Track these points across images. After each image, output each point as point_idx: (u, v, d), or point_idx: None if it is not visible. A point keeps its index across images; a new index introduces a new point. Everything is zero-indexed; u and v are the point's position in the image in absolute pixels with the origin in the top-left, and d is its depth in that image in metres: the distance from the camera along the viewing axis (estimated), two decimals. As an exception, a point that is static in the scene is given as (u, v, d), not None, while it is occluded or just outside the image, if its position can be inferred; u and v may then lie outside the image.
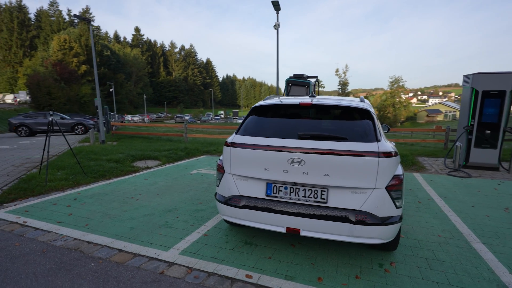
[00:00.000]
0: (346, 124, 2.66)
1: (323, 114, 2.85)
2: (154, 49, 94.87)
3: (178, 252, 2.86)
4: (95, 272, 2.49)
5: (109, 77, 57.50)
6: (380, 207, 2.41)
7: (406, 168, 7.15)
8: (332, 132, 2.56)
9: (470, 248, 3.08)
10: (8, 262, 2.59)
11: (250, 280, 2.43)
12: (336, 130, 2.59)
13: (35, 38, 67.86)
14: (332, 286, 2.38)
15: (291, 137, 2.57)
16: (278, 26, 9.68)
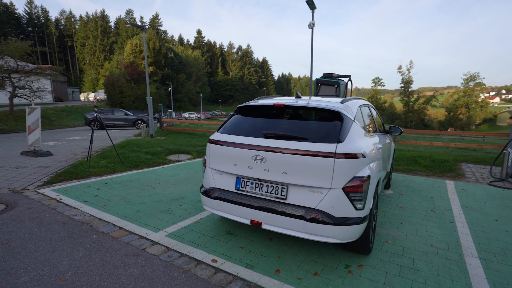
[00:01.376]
0: (312, 125, 2.73)
1: (296, 115, 2.93)
2: (213, 50, 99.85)
3: (165, 234, 3.26)
4: (93, 243, 3.01)
5: (172, 77, 62.49)
6: (336, 207, 2.44)
7: (440, 174, 6.57)
8: (295, 132, 2.66)
9: (459, 261, 2.86)
10: (36, 228, 3.28)
11: (214, 264, 2.69)
12: (299, 130, 2.68)
13: (114, 44, 77.06)
14: (286, 279, 2.50)
15: (258, 136, 2.75)
16: (312, 25, 9.58)
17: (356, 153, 2.50)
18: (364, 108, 3.56)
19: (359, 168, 2.52)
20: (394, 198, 4.80)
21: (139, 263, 2.67)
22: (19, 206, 3.91)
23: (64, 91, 50.45)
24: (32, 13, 75.81)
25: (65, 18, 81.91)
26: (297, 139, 2.58)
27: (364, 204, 2.52)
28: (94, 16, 78.63)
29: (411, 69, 64.02)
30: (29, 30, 74.97)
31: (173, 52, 67.57)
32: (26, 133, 7.49)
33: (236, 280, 2.46)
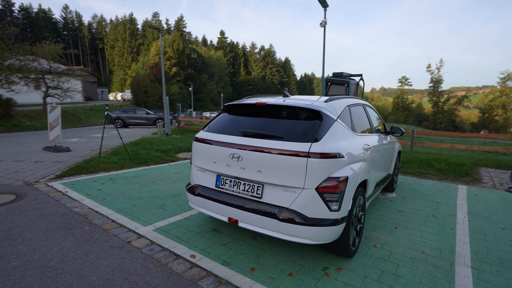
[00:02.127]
0: (291, 124, 2.70)
1: (277, 113, 2.90)
2: (236, 51, 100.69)
3: (153, 228, 3.36)
4: (84, 234, 3.17)
5: (194, 77, 63.81)
6: (309, 208, 2.41)
7: (454, 178, 6.22)
8: (272, 130, 2.65)
9: (448, 270, 2.71)
10: (36, 218, 3.51)
11: (191, 259, 2.74)
12: (277, 129, 2.66)
13: (141, 45, 79.92)
14: (258, 278, 2.50)
15: (237, 134, 2.76)
16: (325, 24, 9.39)
17: (333, 153, 2.44)
18: (356, 108, 3.46)
19: (335, 169, 2.46)
20: (396, 202, 4.62)
21: (121, 254, 2.78)
22: (27, 197, 4.19)
23: (94, 91, 53.13)
24: (67, 17, 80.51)
25: (96, 22, 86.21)
26: (273, 138, 2.56)
27: (340, 206, 2.46)
28: (123, 19, 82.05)
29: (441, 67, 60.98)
30: (64, 34, 79.64)
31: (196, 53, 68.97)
32: (48, 130, 7.98)
33: (209, 276, 2.49)
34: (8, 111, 18.56)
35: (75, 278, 2.38)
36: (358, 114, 3.50)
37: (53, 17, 78.00)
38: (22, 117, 19.16)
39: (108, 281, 2.37)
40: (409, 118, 65.62)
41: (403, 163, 7.30)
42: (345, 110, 3.06)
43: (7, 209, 3.74)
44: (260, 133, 2.65)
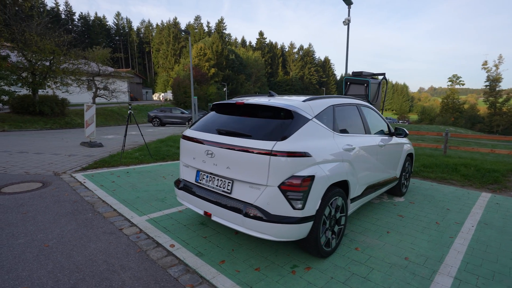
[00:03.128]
0: (263, 123, 2.75)
1: (254, 112, 2.95)
2: (274, 51, 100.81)
3: (146, 219, 3.63)
4: (86, 220, 3.54)
5: (232, 78, 65.25)
6: (272, 205, 2.46)
7: (479, 185, 5.70)
8: (244, 129, 2.73)
9: (426, 278, 2.58)
10: (52, 203, 3.98)
11: (170, 249, 2.94)
12: (249, 127, 2.74)
13: (183, 48, 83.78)
14: (225, 270, 2.61)
15: (213, 132, 2.89)
16: (348, 22, 9.07)
17: (298, 151, 2.47)
18: (344, 108, 3.39)
19: (300, 167, 2.48)
20: (400, 207, 4.40)
21: (109, 240, 3.07)
22: (51, 186, 4.75)
23: (139, 91, 56.95)
24: (119, 24, 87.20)
25: (144, 27, 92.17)
26: (242, 136, 2.65)
27: (304, 204, 2.47)
28: (168, 23, 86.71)
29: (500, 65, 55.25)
30: (116, 39, 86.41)
31: (235, 54, 70.45)
32: (84, 127, 8.84)
33: (179, 265, 2.66)
34: (62, 110, 20.69)
35: (64, 257, 2.71)
36: (346, 114, 3.43)
37: (107, 23, 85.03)
38: (74, 116, 21.23)
39: (89, 261, 2.65)
40: (460, 120, 60.16)
41: (425, 167, 6.85)
42: (326, 110, 3.04)
43: (31, 195, 4.29)
44: (231, 131, 2.75)
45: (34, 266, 2.54)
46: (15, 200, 4.06)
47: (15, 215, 3.56)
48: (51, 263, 2.60)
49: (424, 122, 67.00)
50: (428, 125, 47.12)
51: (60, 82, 20.46)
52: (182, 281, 2.43)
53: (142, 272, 2.53)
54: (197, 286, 2.37)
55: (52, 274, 2.44)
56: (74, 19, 78.40)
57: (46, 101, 19.19)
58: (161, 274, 2.50)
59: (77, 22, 79.31)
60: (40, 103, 18.81)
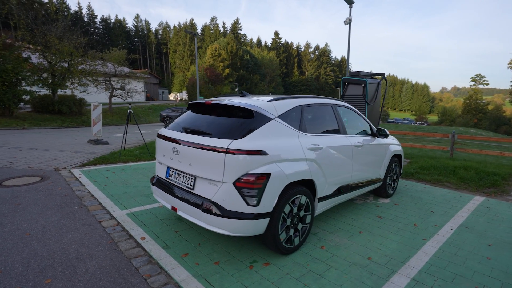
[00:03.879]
0: (226, 121, 2.84)
1: (220, 111, 3.04)
2: (290, 51, 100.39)
3: (127, 212, 3.81)
4: (70, 212, 3.76)
5: (246, 78, 65.58)
6: (228, 201, 2.55)
7: (474, 189, 5.53)
8: (207, 128, 2.84)
9: (382, 278, 2.59)
10: (44, 196, 4.24)
11: (140, 241, 3.08)
12: (212, 126, 2.84)
13: (199, 49, 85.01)
14: (185, 262, 2.72)
15: (181, 131, 3.02)
16: (349, 21, 8.97)
17: (254, 149, 2.54)
18: (315, 108, 3.43)
19: (256, 165, 2.55)
20: (383, 208, 4.37)
21: (86, 231, 3.26)
22: (48, 180, 5.05)
23: (156, 91, 58.28)
24: (138, 26, 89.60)
25: (162, 29, 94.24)
26: (204, 134, 2.76)
27: (258, 201, 2.54)
28: (184, 25, 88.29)
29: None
30: (135, 41, 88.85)
31: (249, 54, 70.77)
32: (91, 125, 9.24)
33: (144, 256, 2.80)
34: (80, 109, 21.59)
35: (40, 245, 2.91)
36: (317, 114, 3.46)
37: (127, 26, 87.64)
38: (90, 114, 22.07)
39: (62, 250, 2.84)
40: (483, 122, 57.58)
41: (422, 169, 6.70)
42: (293, 110, 3.09)
43: (28, 188, 4.59)
44: (195, 130, 2.87)
45: (11, 252, 2.75)
46: (12, 192, 4.36)
47: (8, 206, 3.83)
48: (27, 250, 2.81)
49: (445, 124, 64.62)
50: (447, 127, 45.46)
51: (77, 82, 21.33)
52: (142, 271, 2.56)
53: (107, 261, 2.69)
54: (154, 276, 2.50)
55: (25, 260, 2.64)
56: (96, 21, 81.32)
57: (65, 100, 20.11)
58: (124, 264, 2.65)
59: (99, 24, 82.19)
60: (59, 103, 19.73)
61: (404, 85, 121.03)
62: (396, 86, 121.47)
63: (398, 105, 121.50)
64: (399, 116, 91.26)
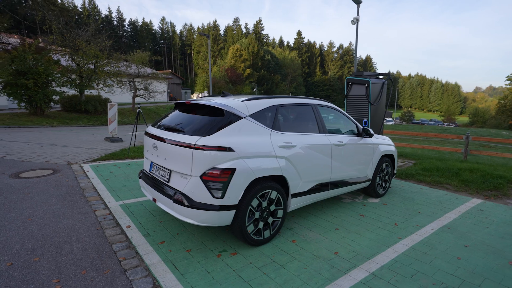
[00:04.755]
0: (199, 119, 3.05)
1: (197, 110, 3.25)
2: (312, 50, 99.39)
3: (121, 204, 4.13)
4: (71, 202, 4.14)
5: (267, 78, 65.78)
6: (195, 193, 2.76)
7: (474, 191, 5.37)
8: (181, 125, 3.06)
9: (342, 271, 2.69)
10: (51, 187, 4.68)
11: (125, 229, 3.38)
12: (187, 123, 3.06)
13: (222, 50, 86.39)
14: (160, 249, 2.97)
15: (161, 128, 3.27)
16: (357, 21, 8.87)
17: (220, 146, 2.73)
18: (290, 108, 3.56)
19: (221, 160, 2.74)
20: (369, 207, 4.39)
21: (80, 218, 3.60)
22: (59, 173, 5.53)
23: (179, 91, 59.88)
24: (163, 28, 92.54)
25: (186, 30, 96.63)
26: (177, 131, 2.99)
27: (223, 194, 2.73)
28: (208, 26, 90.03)
29: None
30: (160, 43, 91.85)
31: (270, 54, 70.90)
32: (108, 123, 9.84)
33: (125, 242, 3.08)
34: (105, 109, 22.73)
35: (38, 229, 3.28)
36: (294, 114, 3.59)
37: (153, 28, 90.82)
38: (114, 114, 23.20)
39: (55, 233, 3.18)
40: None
41: (424, 170, 6.56)
42: (266, 109, 3.25)
43: (40, 179, 5.07)
44: (171, 127, 3.11)
45: (12, 234, 3.13)
46: (25, 183, 4.84)
47: (19, 195, 4.28)
48: (25, 232, 3.18)
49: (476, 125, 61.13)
50: (477, 128, 43.06)
51: (103, 83, 22.54)
52: (119, 254, 2.83)
53: (91, 245, 2.99)
54: (129, 259, 2.76)
55: (22, 240, 3.01)
56: (124, 25, 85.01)
57: (91, 100, 21.34)
58: (105, 248, 2.94)
59: (127, 27, 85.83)
60: (85, 103, 20.96)
61: (433, 84, 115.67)
62: (425, 86, 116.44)
63: (426, 105, 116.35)
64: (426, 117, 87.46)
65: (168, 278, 2.50)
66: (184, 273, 2.57)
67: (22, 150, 7.50)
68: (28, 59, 16.03)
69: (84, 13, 74.96)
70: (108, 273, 2.54)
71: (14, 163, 6.15)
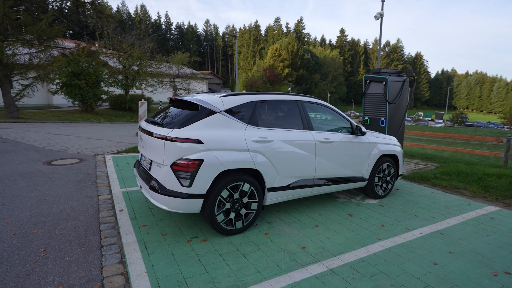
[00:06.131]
0: (178, 113, 3.27)
1: (179, 106, 3.46)
2: (356, 48, 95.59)
3: (123, 191, 4.54)
4: (83, 186, 4.66)
5: (306, 78, 64.82)
6: (167, 181, 2.99)
7: (493, 198, 4.88)
8: (162, 119, 3.31)
9: (300, 264, 2.72)
10: (72, 173, 5.29)
11: (117, 212, 3.74)
12: (167, 118, 3.31)
13: (262, 50, 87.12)
14: (139, 231, 3.25)
15: (148, 122, 3.56)
16: (380, 16, 8.40)
17: (189, 138, 2.93)
18: (269, 104, 3.61)
19: (190, 152, 2.93)
20: (363, 207, 4.27)
21: (84, 201, 4.06)
22: (84, 162, 6.20)
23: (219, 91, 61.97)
24: (207, 30, 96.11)
25: (228, 31, 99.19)
26: (158, 125, 3.25)
27: (191, 183, 2.92)
28: (249, 27, 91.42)
29: None
30: (204, 44, 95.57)
31: (310, 53, 69.72)
32: (138, 120, 10.64)
33: (112, 223, 3.43)
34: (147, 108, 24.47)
35: (46, 207, 3.78)
36: (275, 110, 3.66)
37: (197, 31, 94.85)
38: (154, 111, 24.84)
39: (59, 212, 3.65)
40: None
41: (442, 174, 6.09)
42: (243, 105, 3.36)
43: (66, 167, 5.75)
44: (154, 121, 3.38)
45: (25, 209, 3.67)
46: (52, 169, 5.54)
47: (44, 179, 4.93)
48: (36, 209, 3.70)
49: (546, 129, 53.65)
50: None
51: (145, 83, 24.25)
52: (103, 233, 3.18)
53: (82, 223, 3.39)
54: (110, 237, 3.09)
55: (30, 215, 3.51)
56: (171, 28, 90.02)
57: (134, 99, 23.08)
58: (94, 227, 3.31)
59: (174, 31, 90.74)
60: (130, 101, 22.75)
61: (495, 83, 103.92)
62: (485, 85, 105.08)
63: (486, 106, 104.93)
64: (484, 119, 78.98)
65: (135, 256, 2.76)
66: (151, 253, 2.81)
67: (62, 142, 8.49)
68: (81, 62, 17.86)
69: (136, 18, 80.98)
70: (87, 247, 2.88)
71: (51, 152, 7.03)
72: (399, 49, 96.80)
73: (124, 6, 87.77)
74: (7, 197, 4.06)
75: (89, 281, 2.37)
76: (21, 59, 15.55)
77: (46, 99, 25.53)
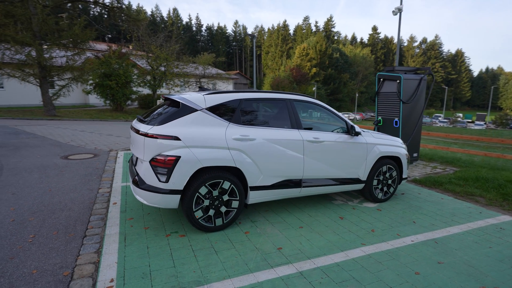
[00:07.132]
0: (163, 111, 3.35)
1: (169, 103, 3.52)
2: (389, 46, 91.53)
3: (123, 185, 4.74)
4: (88, 180, 4.94)
5: (334, 77, 63.23)
6: (146, 176, 3.08)
7: (510, 208, 4.45)
8: (150, 116, 3.41)
9: (267, 265, 2.68)
10: (82, 168, 5.62)
11: (111, 205, 3.91)
12: (155, 115, 3.39)
13: (290, 49, 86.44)
14: (124, 223, 3.38)
15: (137, 119, 3.68)
16: (399, 11, 7.92)
17: (167, 135, 3.00)
18: (254, 102, 3.57)
19: (167, 148, 2.99)
20: (357, 211, 4.09)
21: (84, 193, 4.30)
22: (97, 157, 6.56)
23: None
24: (236, 31, 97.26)
25: (257, 32, 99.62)
26: (143, 122, 3.35)
27: (167, 179, 2.98)
28: (278, 26, 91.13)
29: None
30: (233, 45, 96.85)
31: (339, 52, 67.90)
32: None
33: (102, 215, 3.60)
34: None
35: (49, 198, 4.06)
36: (261, 108, 3.62)
37: (227, 32, 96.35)
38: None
39: (58, 203, 3.90)
40: None
41: (458, 179, 5.65)
42: (227, 103, 3.37)
43: (79, 161, 6.12)
44: (142, 119, 3.49)
45: (31, 198, 3.96)
46: (67, 163, 5.92)
47: (56, 172, 5.30)
48: (39, 199, 3.98)
49: None
50: None
51: (172, 84, 25.11)
52: (91, 224, 3.35)
53: (75, 213, 3.59)
54: (95, 228, 3.25)
55: (32, 204, 3.79)
56: (201, 30, 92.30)
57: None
58: (84, 217, 3.50)
59: (204, 32, 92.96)
60: (157, 100, 23.67)
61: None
62: None
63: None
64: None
65: (112, 247, 2.87)
66: (128, 245, 2.92)
67: (84, 138, 9.06)
68: (112, 63, 18.89)
69: (168, 21, 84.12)
70: (71, 236, 3.05)
71: (71, 147, 7.52)
72: (437, 46, 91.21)
73: (157, 9, 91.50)
74: (20, 187, 4.42)
75: (61, 267, 2.51)
76: (57, 61, 16.78)
77: (83, 98, 27.31)
